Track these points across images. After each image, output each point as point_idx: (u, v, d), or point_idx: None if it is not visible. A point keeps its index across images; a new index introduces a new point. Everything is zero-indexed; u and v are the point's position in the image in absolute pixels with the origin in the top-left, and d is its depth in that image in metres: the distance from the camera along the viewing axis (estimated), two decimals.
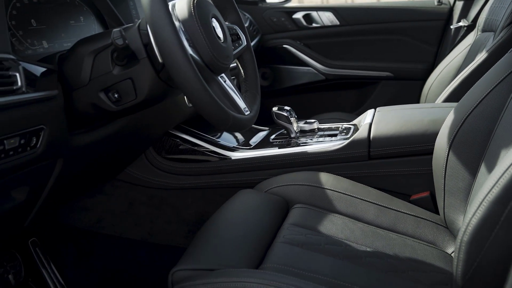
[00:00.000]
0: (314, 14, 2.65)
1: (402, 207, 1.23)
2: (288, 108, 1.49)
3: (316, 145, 1.41)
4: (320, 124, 1.55)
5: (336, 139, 1.42)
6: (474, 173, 1.05)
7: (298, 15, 2.67)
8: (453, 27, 2.30)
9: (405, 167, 1.32)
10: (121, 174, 1.52)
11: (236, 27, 1.22)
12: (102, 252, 1.58)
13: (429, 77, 2.18)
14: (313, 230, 1.11)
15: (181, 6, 1.00)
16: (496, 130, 1.02)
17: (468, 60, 1.84)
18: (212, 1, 1.21)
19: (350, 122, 1.55)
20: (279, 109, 1.48)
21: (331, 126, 1.54)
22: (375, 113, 1.48)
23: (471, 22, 2.15)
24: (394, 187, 1.34)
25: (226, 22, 1.21)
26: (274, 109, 1.49)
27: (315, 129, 1.53)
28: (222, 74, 1.09)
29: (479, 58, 1.59)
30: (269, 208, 1.19)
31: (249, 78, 1.23)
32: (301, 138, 1.48)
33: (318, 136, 1.49)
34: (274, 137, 1.55)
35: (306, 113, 2.04)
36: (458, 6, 2.37)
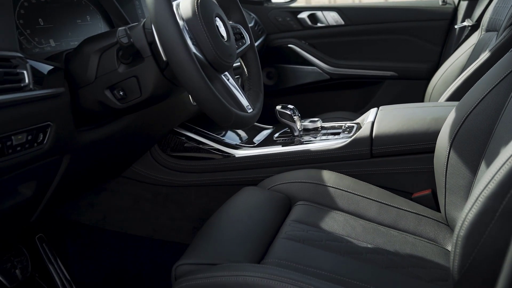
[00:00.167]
0: (319, 14, 2.67)
1: (403, 205, 1.24)
2: (291, 106, 1.50)
3: (319, 143, 1.42)
4: (323, 122, 1.57)
5: (339, 138, 1.43)
6: (475, 171, 1.06)
7: (303, 15, 2.68)
8: (457, 27, 2.30)
9: (407, 165, 1.34)
10: (126, 171, 1.53)
11: (239, 26, 1.23)
12: (108, 248, 1.60)
13: (433, 76, 2.19)
14: (314, 227, 1.12)
15: (185, 6, 1.01)
16: (496, 129, 1.03)
17: (472, 59, 1.85)
18: (216, 0, 1.23)
19: (353, 121, 1.57)
20: (283, 107, 1.49)
21: (334, 125, 1.55)
22: (378, 111, 1.49)
23: (475, 22, 2.16)
24: (396, 185, 1.35)
25: (230, 22, 1.23)
26: (278, 107, 1.50)
27: (318, 127, 1.54)
28: (226, 73, 1.10)
29: (482, 58, 1.59)
30: (271, 205, 1.21)
31: (252, 77, 1.24)
32: (304, 137, 1.49)
33: (321, 134, 1.50)
34: (277, 135, 1.57)
35: (310, 112, 2.06)
36: (463, 6, 2.38)
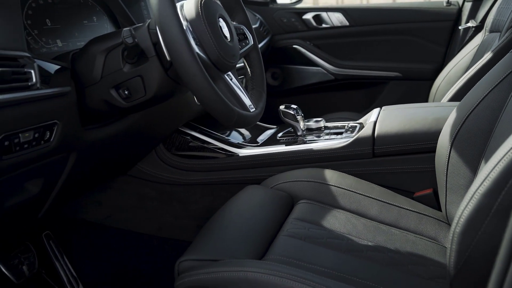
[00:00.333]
0: (324, 14, 2.68)
1: (405, 204, 1.25)
2: (294, 106, 1.51)
3: (321, 142, 1.43)
4: (326, 122, 1.58)
5: (341, 137, 1.44)
6: (475, 170, 1.07)
7: (308, 16, 2.70)
8: (461, 28, 2.31)
9: (409, 165, 1.35)
10: (132, 169, 1.55)
11: (243, 27, 1.25)
12: (113, 245, 1.62)
13: (437, 77, 2.19)
14: (316, 225, 1.14)
15: (189, 7, 1.03)
16: (496, 128, 1.04)
17: (475, 60, 1.85)
18: (220, 1, 1.25)
19: (357, 121, 1.58)
20: (286, 107, 1.51)
21: (337, 125, 1.57)
22: (380, 111, 1.50)
23: (479, 22, 2.16)
24: (398, 184, 1.36)
25: (233, 22, 1.25)
26: (281, 107, 1.51)
27: (322, 127, 1.55)
28: (229, 72, 1.12)
29: (484, 58, 1.60)
30: (274, 203, 1.22)
31: (255, 77, 1.26)
32: (307, 136, 1.51)
33: (324, 134, 1.51)
34: (281, 135, 1.58)
35: (315, 112, 2.07)
36: (467, 7, 2.38)
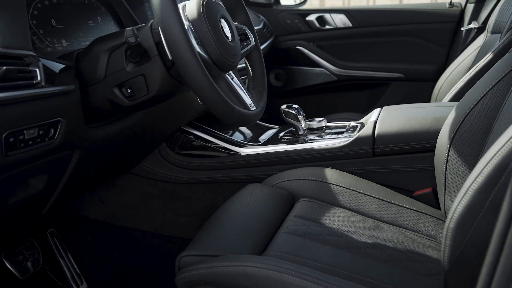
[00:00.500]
0: (327, 16, 2.70)
1: (404, 202, 1.26)
2: (296, 106, 1.53)
3: (322, 142, 1.45)
4: (328, 122, 1.60)
5: (342, 137, 1.46)
6: (473, 169, 1.08)
7: (312, 17, 2.72)
8: (464, 29, 2.32)
9: (408, 164, 1.36)
10: (135, 168, 1.57)
11: (245, 27, 1.27)
12: (116, 243, 1.64)
13: (439, 78, 2.21)
14: (316, 222, 1.15)
15: (191, 7, 1.05)
16: (493, 127, 1.05)
17: (477, 61, 1.86)
18: (222, 2, 1.27)
19: (358, 121, 1.59)
20: (288, 107, 1.53)
21: (339, 124, 1.58)
22: (381, 111, 1.52)
23: (481, 24, 2.18)
24: (398, 183, 1.37)
25: (235, 23, 1.26)
26: (283, 107, 1.53)
27: (323, 127, 1.57)
28: (230, 72, 1.14)
29: (484, 59, 1.61)
30: (275, 201, 1.24)
31: (256, 76, 1.28)
32: (309, 136, 1.52)
33: (326, 134, 1.53)
34: (283, 134, 1.60)
35: (318, 113, 2.07)
36: (469, 9, 2.39)
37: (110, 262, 1.64)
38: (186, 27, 0.95)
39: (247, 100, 1.14)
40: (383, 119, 1.43)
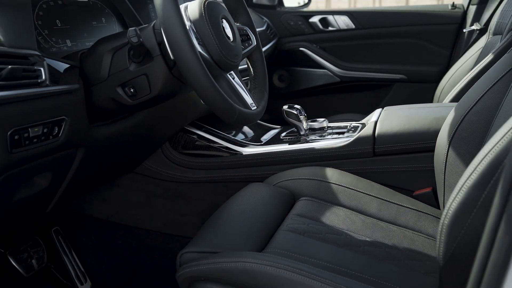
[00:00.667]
0: (330, 18, 2.71)
1: (404, 202, 1.27)
2: (298, 106, 1.54)
3: (323, 141, 1.46)
4: (329, 122, 1.61)
5: (343, 137, 1.47)
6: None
7: (315, 19, 2.73)
8: (466, 31, 2.33)
9: (408, 164, 1.37)
10: (138, 167, 1.59)
11: (246, 28, 1.28)
12: (120, 241, 1.66)
13: (442, 79, 2.21)
14: (316, 220, 1.16)
15: (193, 8, 1.07)
16: (492, 127, 1.05)
17: (479, 62, 1.87)
18: (224, 3, 1.28)
19: (359, 121, 1.60)
20: (289, 107, 1.54)
21: (340, 125, 1.59)
22: (382, 112, 1.53)
23: (484, 25, 2.18)
24: (398, 183, 1.38)
25: (237, 24, 1.28)
26: (285, 107, 1.54)
27: (324, 127, 1.58)
28: (231, 72, 1.15)
29: (485, 60, 1.62)
30: (276, 200, 1.25)
31: (258, 76, 1.29)
32: (310, 136, 1.54)
33: (327, 134, 1.54)
34: (284, 134, 1.61)
35: (321, 114, 2.08)
36: (472, 10, 2.40)
37: (114, 260, 1.66)
38: (187, 28, 0.97)
39: (248, 99, 1.15)
40: (384, 119, 1.44)
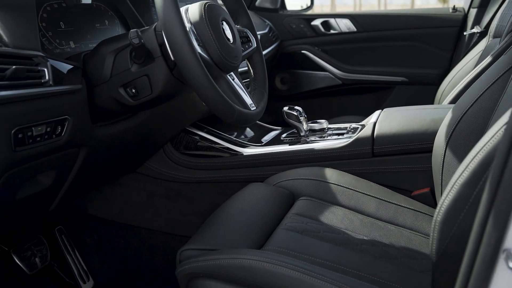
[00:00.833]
0: (332, 21, 2.73)
1: (402, 202, 1.28)
2: (298, 108, 1.56)
3: (323, 142, 1.48)
4: (329, 124, 1.63)
5: (342, 138, 1.49)
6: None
7: (317, 22, 2.75)
8: (466, 34, 2.34)
9: (407, 164, 1.38)
10: (141, 167, 1.61)
11: (246, 30, 1.30)
12: (122, 240, 1.67)
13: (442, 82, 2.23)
14: (314, 219, 1.18)
15: (193, 10, 1.09)
16: (488, 128, 1.07)
17: (478, 65, 1.89)
18: (225, 6, 1.30)
19: (359, 123, 1.62)
20: (290, 108, 1.56)
21: (340, 126, 1.61)
22: (381, 113, 1.54)
23: (484, 28, 2.20)
24: (397, 183, 1.40)
25: (237, 26, 1.30)
26: (285, 108, 1.56)
27: (325, 128, 1.60)
28: (231, 73, 1.17)
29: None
30: (275, 199, 1.27)
31: (258, 78, 1.31)
32: (310, 137, 1.55)
33: (327, 135, 1.56)
34: (285, 135, 1.63)
35: (323, 116, 2.09)
36: (472, 13, 2.42)
37: (116, 259, 1.67)
38: (187, 29, 0.99)
39: (248, 100, 1.17)
40: (382, 121, 1.46)
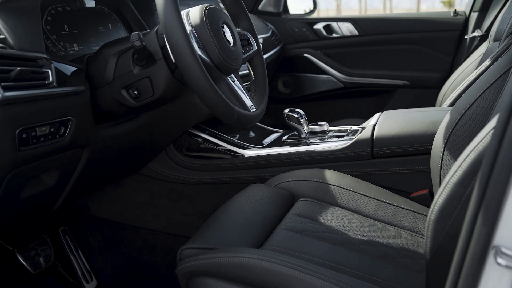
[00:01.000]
0: (334, 24, 2.75)
1: (401, 203, 1.29)
2: (299, 110, 1.58)
3: (323, 144, 1.49)
4: (330, 126, 1.64)
5: (342, 140, 1.50)
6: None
7: (319, 26, 2.77)
8: (467, 37, 2.35)
9: (406, 166, 1.39)
10: (143, 169, 1.63)
11: (247, 33, 1.32)
12: (125, 241, 1.69)
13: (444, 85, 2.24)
14: (313, 220, 1.19)
15: (194, 13, 1.11)
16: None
17: None
18: (226, 10, 1.33)
19: (359, 125, 1.63)
20: (291, 111, 1.57)
21: (340, 128, 1.62)
22: (380, 115, 1.56)
23: (485, 32, 2.21)
24: (396, 185, 1.41)
25: (238, 29, 1.32)
26: (286, 111, 1.58)
27: (325, 130, 1.61)
28: (231, 75, 1.19)
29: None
30: (275, 200, 1.28)
31: (258, 80, 1.33)
32: (311, 139, 1.57)
33: (328, 137, 1.57)
34: (286, 137, 1.65)
35: (325, 119, 2.11)
36: (473, 17, 2.43)
37: (119, 259, 1.69)
38: (188, 32, 1.01)
39: (248, 102, 1.19)
40: (382, 123, 1.47)
